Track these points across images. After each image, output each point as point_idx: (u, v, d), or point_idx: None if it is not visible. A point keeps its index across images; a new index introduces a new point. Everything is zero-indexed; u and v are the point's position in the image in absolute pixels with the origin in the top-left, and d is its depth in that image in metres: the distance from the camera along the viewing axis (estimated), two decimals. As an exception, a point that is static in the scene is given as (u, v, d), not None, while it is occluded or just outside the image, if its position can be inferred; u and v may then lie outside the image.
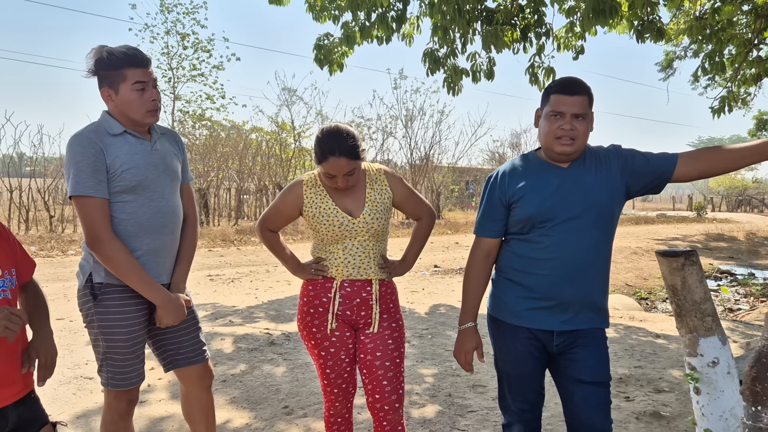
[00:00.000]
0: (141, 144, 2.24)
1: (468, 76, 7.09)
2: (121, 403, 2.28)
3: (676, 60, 19.78)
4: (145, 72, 2.19)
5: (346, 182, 2.32)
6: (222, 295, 7.42)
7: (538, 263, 2.14)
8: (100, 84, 2.19)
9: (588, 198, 2.11)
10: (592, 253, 2.13)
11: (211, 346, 5.01)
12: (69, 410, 3.63)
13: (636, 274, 11.23)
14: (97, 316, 2.21)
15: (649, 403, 3.80)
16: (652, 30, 5.99)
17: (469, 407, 3.72)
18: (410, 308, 6.72)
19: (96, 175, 2.12)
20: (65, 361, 4.53)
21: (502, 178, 2.22)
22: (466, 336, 2.29)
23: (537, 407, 2.32)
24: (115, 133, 2.19)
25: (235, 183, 20.31)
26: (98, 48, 2.20)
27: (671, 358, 4.79)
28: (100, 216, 2.12)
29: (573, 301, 2.15)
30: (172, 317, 2.25)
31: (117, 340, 2.22)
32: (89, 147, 2.12)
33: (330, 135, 2.28)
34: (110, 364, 2.24)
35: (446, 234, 17.84)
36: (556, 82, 2.15)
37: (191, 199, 2.50)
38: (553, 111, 2.09)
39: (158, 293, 2.21)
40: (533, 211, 2.12)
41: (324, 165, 2.28)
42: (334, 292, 2.40)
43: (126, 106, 2.17)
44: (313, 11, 7.17)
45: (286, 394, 3.94)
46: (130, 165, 2.17)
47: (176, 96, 21.65)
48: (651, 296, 9.67)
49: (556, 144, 2.10)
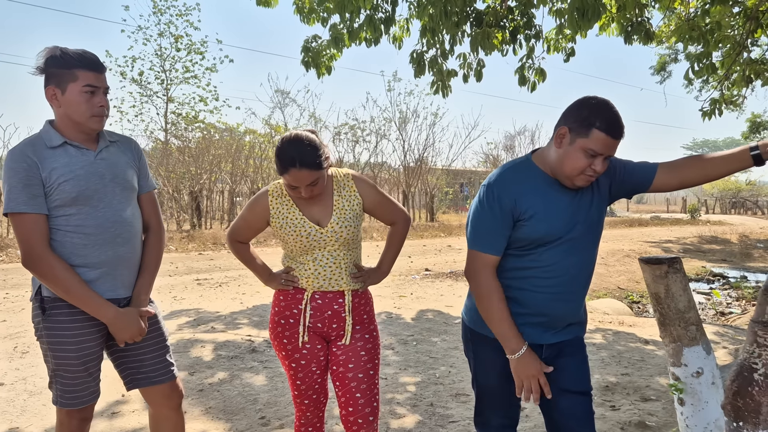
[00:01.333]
0: (83, 154, 2.13)
1: (456, 76, 7.03)
2: (73, 421, 2.17)
3: (670, 63, 19.85)
4: (98, 77, 2.10)
5: (310, 192, 2.23)
6: (207, 300, 7.31)
7: (536, 281, 2.04)
8: (46, 82, 2.09)
9: (588, 218, 2.05)
10: (588, 271, 2.10)
11: (191, 354, 4.90)
12: (37, 422, 3.52)
13: (628, 277, 11.16)
14: (46, 332, 2.11)
15: (635, 412, 3.71)
16: (640, 32, 5.92)
17: (450, 417, 3.63)
18: (396, 313, 6.61)
19: (28, 189, 2.02)
20: (37, 371, 4.41)
21: (508, 191, 2.00)
22: (527, 361, 2.00)
23: (516, 422, 2.25)
24: (53, 145, 2.09)
25: (227, 185, 20.20)
26: (52, 47, 2.11)
27: (659, 365, 4.71)
28: (33, 232, 2.03)
29: (564, 316, 2.10)
30: (125, 333, 2.14)
31: (66, 357, 2.11)
32: (21, 162, 2.03)
33: (290, 145, 2.16)
34: (60, 382, 2.13)
35: (439, 237, 17.77)
36: (603, 119, 1.87)
37: (154, 207, 2.38)
38: (593, 149, 1.88)
39: (104, 309, 2.09)
40: (544, 232, 1.98)
41: (285, 177, 2.19)
42: (304, 305, 2.31)
43: (71, 107, 2.07)
44: (301, 13, 7.08)
45: (263, 404, 3.83)
46: (68, 176, 2.07)
47: (169, 98, 21.57)
48: (643, 299, 9.60)
49: (579, 179, 1.94)
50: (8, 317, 6.14)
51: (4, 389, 4.05)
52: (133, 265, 2.25)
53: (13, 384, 4.16)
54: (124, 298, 2.21)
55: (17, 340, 5.28)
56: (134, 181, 2.28)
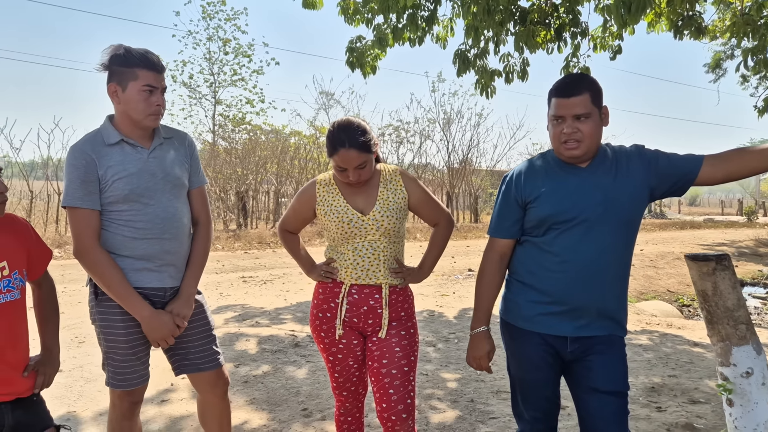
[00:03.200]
0: (137, 152, 2.23)
1: (501, 77, 6.99)
2: (124, 403, 2.27)
3: (725, 60, 19.15)
4: (157, 77, 2.20)
5: (358, 176, 2.28)
6: (252, 297, 7.48)
7: (552, 266, 2.06)
8: (109, 79, 2.19)
9: (607, 200, 2.01)
10: (608, 257, 2.03)
11: (236, 347, 5.04)
12: (93, 407, 3.68)
13: (679, 280, 10.85)
14: (98, 315, 2.23)
15: (682, 414, 3.63)
16: (691, 27, 5.77)
17: (491, 413, 3.62)
18: (439, 312, 6.63)
19: (85, 186, 2.14)
20: (92, 359, 4.61)
21: (518, 178, 2.15)
22: (478, 341, 2.21)
23: (551, 416, 2.22)
24: (110, 142, 2.20)
25: (273, 186, 20.53)
26: (116, 45, 2.21)
27: (709, 367, 4.58)
28: (85, 227, 2.15)
29: (587, 306, 2.05)
30: (156, 334, 2.22)
31: (116, 341, 2.22)
32: (81, 158, 2.15)
33: (341, 128, 2.26)
34: (111, 364, 2.25)
35: (483, 238, 17.64)
36: (554, 85, 2.06)
37: (204, 202, 2.47)
38: (554, 116, 2.03)
39: (139, 308, 2.19)
40: (550, 212, 2.04)
41: (334, 157, 2.26)
42: (341, 298, 2.36)
43: (130, 105, 2.18)
44: (345, 14, 7.16)
45: (306, 396, 3.91)
46: (122, 174, 2.18)
47: (217, 100, 22.10)
48: (694, 303, 9.32)
49: (563, 148, 2.03)
50: (66, 309, 6.41)
51: (62, 375, 4.24)
52: (181, 258, 2.34)
53: (71, 371, 4.36)
54: (171, 288, 2.30)
55: (75, 331, 5.53)
56: (184, 178, 2.37)
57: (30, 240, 2.02)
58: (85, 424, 3.43)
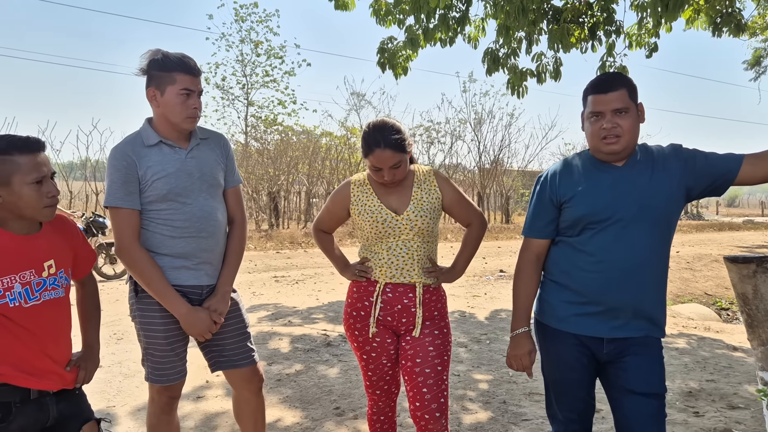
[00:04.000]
0: (175, 153, 2.29)
1: (533, 77, 6.92)
2: (162, 398, 2.33)
3: (766, 57, 18.62)
4: (194, 80, 2.25)
5: (392, 175, 2.31)
6: (285, 296, 7.56)
7: (587, 266, 2.04)
8: (147, 83, 2.26)
9: (642, 199, 1.99)
10: (644, 257, 2.01)
11: (269, 346, 5.10)
12: (131, 402, 3.77)
13: (717, 283, 10.59)
14: (138, 312, 2.29)
15: (720, 419, 3.55)
16: (730, 23, 5.63)
17: (523, 415, 3.60)
18: (470, 312, 6.60)
19: (126, 187, 2.21)
20: (131, 356, 4.73)
21: (553, 177, 2.15)
22: (519, 341, 2.19)
23: (586, 418, 2.20)
24: (150, 143, 2.26)
25: (304, 186, 20.71)
26: (154, 50, 2.27)
27: (749, 372, 4.47)
28: (126, 226, 2.22)
29: (623, 307, 2.03)
30: (193, 330, 2.27)
31: (155, 337, 2.28)
32: (122, 159, 2.22)
33: (375, 128, 2.30)
34: (150, 360, 2.31)
35: (514, 239, 17.49)
36: (590, 83, 2.07)
37: (239, 201, 2.52)
38: (592, 112, 2.02)
39: (177, 306, 2.24)
40: (585, 211, 2.03)
41: (370, 158, 2.29)
42: (375, 297, 2.38)
43: (168, 108, 2.23)
44: (377, 15, 7.19)
45: (338, 395, 3.94)
46: (161, 174, 2.24)
47: (249, 102, 22.38)
48: (733, 306, 9.09)
49: (602, 144, 2.01)
50: (106, 307, 6.55)
51: (101, 371, 4.36)
52: (217, 256, 2.39)
53: (110, 367, 4.48)
54: (207, 286, 2.35)
55: (114, 328, 5.67)
56: (220, 178, 2.42)
57: (77, 241, 2.09)
58: (124, 419, 3.52)
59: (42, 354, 1.91)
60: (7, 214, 1.88)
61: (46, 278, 1.93)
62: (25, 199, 1.85)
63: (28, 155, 1.86)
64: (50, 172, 1.94)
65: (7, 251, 1.86)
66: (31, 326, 1.88)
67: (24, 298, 1.86)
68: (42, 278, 1.91)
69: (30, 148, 1.86)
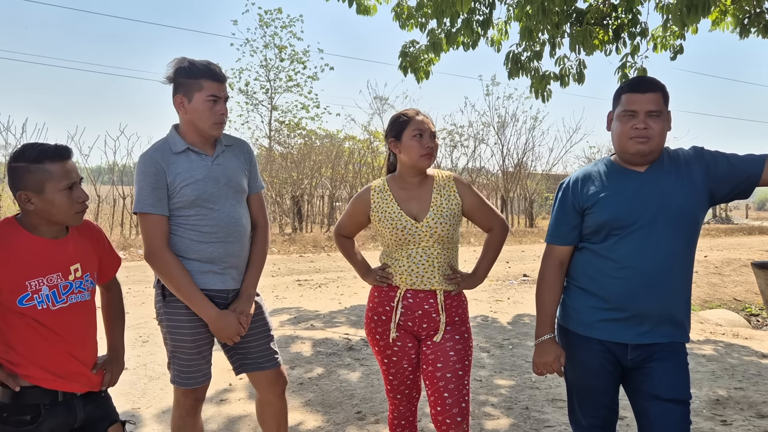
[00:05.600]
0: (201, 159, 2.33)
1: (557, 80, 6.87)
2: (188, 400, 2.37)
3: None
4: (220, 87, 2.29)
5: (433, 142, 2.38)
6: (307, 300, 7.60)
7: (612, 272, 2.03)
8: (175, 91, 2.30)
9: (667, 204, 1.98)
10: (670, 262, 1.99)
11: (291, 350, 5.13)
12: (156, 404, 3.83)
13: (746, 288, 10.37)
14: (165, 316, 2.32)
15: (749, 428, 3.47)
16: (758, 24, 5.53)
17: (546, 422, 3.56)
18: (493, 317, 6.56)
19: (155, 193, 2.25)
20: (156, 358, 4.79)
21: (575, 184, 2.14)
22: (546, 347, 2.17)
23: (609, 424, 2.19)
24: (177, 150, 2.31)
25: (327, 190, 20.80)
26: (181, 58, 2.32)
27: (779, 380, 4.37)
28: (156, 231, 2.26)
29: (649, 313, 2.01)
30: (222, 333, 2.31)
31: (182, 341, 2.31)
32: (151, 166, 2.26)
33: (405, 110, 2.44)
34: (176, 363, 2.34)
35: (538, 243, 17.34)
36: (627, 82, 2.07)
37: (262, 206, 2.56)
38: (626, 110, 2.00)
39: (206, 309, 2.27)
40: (609, 217, 2.02)
41: (409, 127, 2.36)
42: (396, 302, 2.39)
43: (196, 114, 2.27)
44: (399, 19, 7.21)
45: (360, 399, 3.95)
46: (189, 181, 2.28)
47: (273, 106, 22.57)
48: (763, 312, 8.89)
49: (630, 144, 1.99)
50: (131, 310, 6.69)
51: (127, 373, 4.42)
52: (242, 260, 2.42)
53: (135, 369, 4.55)
54: (233, 290, 2.39)
55: (139, 330, 5.76)
56: (245, 183, 2.46)
57: (103, 246, 2.14)
58: (148, 420, 3.57)
59: (69, 356, 1.96)
60: (39, 221, 1.93)
61: (73, 281, 1.97)
62: (57, 206, 1.90)
63: (59, 163, 1.90)
64: (79, 177, 1.99)
65: (36, 255, 1.91)
66: (58, 329, 1.92)
67: (52, 301, 1.91)
68: (69, 281, 1.96)
69: (60, 156, 1.91)
